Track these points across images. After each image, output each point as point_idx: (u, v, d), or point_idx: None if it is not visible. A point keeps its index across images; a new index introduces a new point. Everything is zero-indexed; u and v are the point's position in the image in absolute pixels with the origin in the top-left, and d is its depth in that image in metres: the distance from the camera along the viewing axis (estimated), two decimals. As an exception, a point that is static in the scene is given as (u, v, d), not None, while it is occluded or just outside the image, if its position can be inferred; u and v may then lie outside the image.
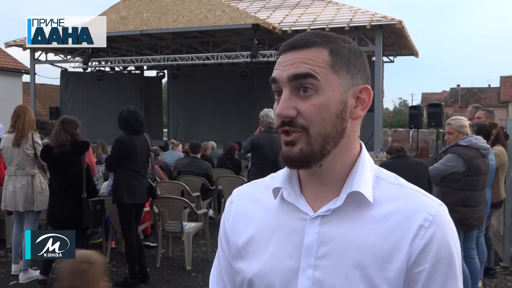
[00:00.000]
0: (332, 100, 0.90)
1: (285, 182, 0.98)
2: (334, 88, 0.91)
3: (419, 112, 14.24)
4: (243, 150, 6.07)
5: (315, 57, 0.91)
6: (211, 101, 20.34)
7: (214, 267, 1.10)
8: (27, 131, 5.00)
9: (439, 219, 0.89)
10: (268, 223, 0.98)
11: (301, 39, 0.94)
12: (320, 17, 15.43)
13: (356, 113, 0.94)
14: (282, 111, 0.90)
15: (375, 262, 0.87)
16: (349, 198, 0.91)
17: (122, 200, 4.85)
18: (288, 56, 0.93)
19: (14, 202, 5.05)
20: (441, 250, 0.88)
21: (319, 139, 0.90)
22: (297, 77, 0.90)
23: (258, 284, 0.95)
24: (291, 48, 0.94)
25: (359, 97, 0.94)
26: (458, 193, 4.11)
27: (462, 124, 4.25)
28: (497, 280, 5.27)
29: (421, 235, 0.88)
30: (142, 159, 4.98)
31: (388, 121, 49.17)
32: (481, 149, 4.15)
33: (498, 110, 32.80)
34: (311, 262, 0.90)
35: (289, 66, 0.92)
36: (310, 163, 0.91)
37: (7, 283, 5.09)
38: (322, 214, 0.92)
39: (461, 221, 4.07)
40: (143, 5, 15.54)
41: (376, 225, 0.90)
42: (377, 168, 0.98)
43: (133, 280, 4.96)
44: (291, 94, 0.91)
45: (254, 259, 0.97)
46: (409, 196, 0.92)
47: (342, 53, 0.93)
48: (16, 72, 22.85)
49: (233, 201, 1.08)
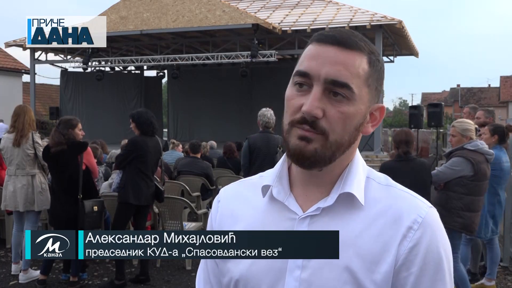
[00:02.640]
0: (359, 113, 0.89)
1: (275, 180, 0.96)
2: (364, 101, 0.90)
3: (419, 112, 14.23)
4: (242, 160, 5.63)
5: (357, 64, 0.88)
6: (211, 101, 20.36)
7: (200, 268, 1.09)
8: (27, 131, 5.00)
9: (428, 222, 0.88)
10: (256, 222, 0.96)
11: (348, 38, 0.89)
12: (320, 17, 15.44)
13: (367, 128, 0.94)
14: (312, 109, 0.86)
15: (364, 263, 0.86)
16: (340, 198, 0.90)
17: (127, 199, 4.85)
18: (329, 51, 0.88)
19: (14, 202, 5.04)
20: (429, 253, 0.86)
21: (334, 146, 0.88)
22: (336, 83, 0.86)
23: (245, 284, 0.94)
24: (335, 43, 0.88)
25: (372, 114, 0.94)
26: (463, 198, 4.04)
27: (466, 128, 4.19)
28: (497, 280, 5.27)
29: (409, 237, 0.86)
30: (151, 162, 4.99)
31: (388, 121, 49.18)
32: (487, 154, 4.10)
33: (498, 110, 32.78)
34: (299, 263, 0.89)
35: (330, 64, 0.87)
36: (317, 165, 0.89)
37: (7, 283, 5.09)
38: (311, 214, 0.91)
39: (465, 226, 4.03)
40: (143, 5, 15.55)
41: (366, 226, 0.89)
42: (368, 169, 0.97)
43: (120, 282, 4.86)
44: (323, 93, 0.87)
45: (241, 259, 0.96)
46: (399, 198, 0.91)
47: (376, 67, 0.92)
48: (16, 72, 22.86)
49: (220, 200, 1.06)
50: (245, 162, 5.52)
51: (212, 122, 20.16)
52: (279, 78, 16.73)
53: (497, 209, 4.71)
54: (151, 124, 4.95)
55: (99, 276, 5.32)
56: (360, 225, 0.89)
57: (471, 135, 4.19)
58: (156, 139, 5.12)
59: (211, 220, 1.06)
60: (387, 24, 14.38)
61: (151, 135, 5.00)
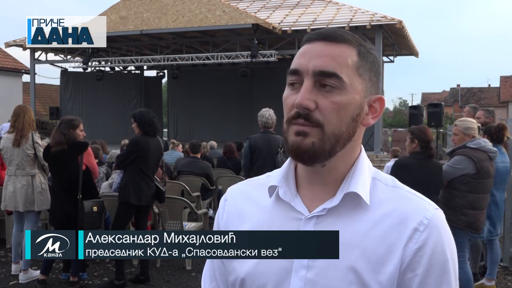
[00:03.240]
0: (352, 102, 0.89)
1: (282, 180, 0.96)
2: (357, 90, 0.90)
3: (419, 112, 14.23)
4: (243, 161, 5.61)
5: (345, 55, 0.89)
6: (211, 101, 20.36)
7: (207, 266, 1.10)
8: (26, 131, 5.00)
9: (434, 223, 0.88)
10: (262, 222, 0.97)
11: (334, 32, 0.91)
12: (320, 17, 15.44)
13: (367, 120, 0.94)
14: (303, 101, 0.87)
15: (369, 264, 0.86)
16: (345, 198, 0.90)
17: (128, 200, 4.85)
18: (316, 46, 0.90)
19: (14, 202, 5.04)
20: (435, 255, 0.86)
21: (332, 138, 0.88)
22: (323, 74, 0.87)
23: (250, 283, 0.94)
24: (322, 38, 0.90)
25: (372, 106, 0.94)
26: (467, 196, 4.04)
27: (468, 126, 4.19)
28: (497, 280, 5.27)
29: (415, 239, 0.86)
30: (153, 162, 4.99)
31: (388, 121, 49.18)
32: (490, 152, 4.10)
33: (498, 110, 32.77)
34: (304, 263, 0.89)
35: (316, 57, 0.89)
36: (317, 160, 0.89)
37: (7, 283, 5.09)
38: (317, 214, 0.91)
39: (469, 224, 4.03)
40: (143, 5, 15.55)
41: (371, 227, 0.88)
42: (374, 170, 0.97)
43: (120, 282, 4.87)
44: (313, 86, 0.88)
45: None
46: (406, 199, 0.91)
47: (368, 58, 0.92)
48: (16, 72, 22.85)
49: (227, 199, 1.06)
50: (246, 162, 5.52)
51: (212, 122, 20.16)
52: (279, 78, 16.76)
53: (493, 209, 4.69)
54: (153, 124, 4.94)
55: (99, 276, 5.32)
56: (366, 226, 0.89)
57: (473, 134, 4.18)
58: (158, 140, 5.12)
59: (217, 218, 1.07)
60: (387, 24, 14.38)
61: (153, 135, 4.99)
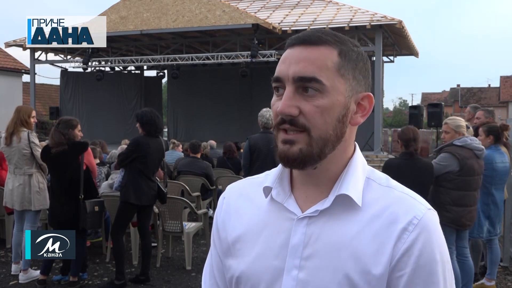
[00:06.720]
0: (336, 104, 0.88)
1: (276, 181, 0.97)
2: (339, 91, 0.89)
3: (419, 112, 14.24)
4: (243, 161, 5.58)
5: (324, 57, 0.88)
6: (211, 101, 20.38)
7: (207, 263, 1.12)
8: (16, 130, 5.04)
9: (425, 223, 0.87)
10: (257, 221, 0.98)
11: (312, 35, 0.90)
12: (320, 17, 15.44)
13: (356, 119, 0.93)
14: (284, 108, 0.87)
15: (359, 265, 0.86)
16: (337, 200, 0.90)
17: (128, 199, 4.86)
18: (295, 51, 0.90)
19: (12, 200, 5.11)
20: (424, 255, 0.85)
21: (319, 142, 0.88)
22: (302, 79, 0.87)
23: (245, 282, 0.95)
24: (300, 42, 0.90)
25: (360, 104, 0.93)
26: (451, 193, 4.13)
27: (459, 124, 4.27)
28: (497, 280, 5.27)
29: (404, 239, 0.86)
30: (152, 163, 4.98)
31: (388, 121, 49.21)
32: (476, 150, 4.16)
33: (498, 110, 32.80)
34: (296, 263, 0.90)
35: (295, 63, 0.88)
36: (307, 164, 0.89)
37: (7, 283, 5.09)
38: (309, 215, 0.91)
39: (453, 220, 4.10)
40: (143, 5, 15.55)
41: (362, 227, 0.88)
42: (369, 169, 0.96)
43: (120, 282, 4.87)
44: (295, 92, 0.88)
45: (242, 257, 0.97)
46: (398, 199, 0.91)
47: (350, 56, 0.91)
48: (16, 72, 22.85)
49: (226, 197, 1.07)
50: (246, 162, 5.52)
51: (212, 122, 20.18)
52: (279, 78, 16.72)
53: (493, 209, 4.71)
54: (154, 124, 4.92)
55: (99, 276, 5.32)
56: (356, 227, 0.89)
57: (463, 131, 4.25)
58: (160, 141, 5.10)
59: (216, 217, 1.08)
60: (387, 24, 14.38)
61: (155, 136, 4.98)
